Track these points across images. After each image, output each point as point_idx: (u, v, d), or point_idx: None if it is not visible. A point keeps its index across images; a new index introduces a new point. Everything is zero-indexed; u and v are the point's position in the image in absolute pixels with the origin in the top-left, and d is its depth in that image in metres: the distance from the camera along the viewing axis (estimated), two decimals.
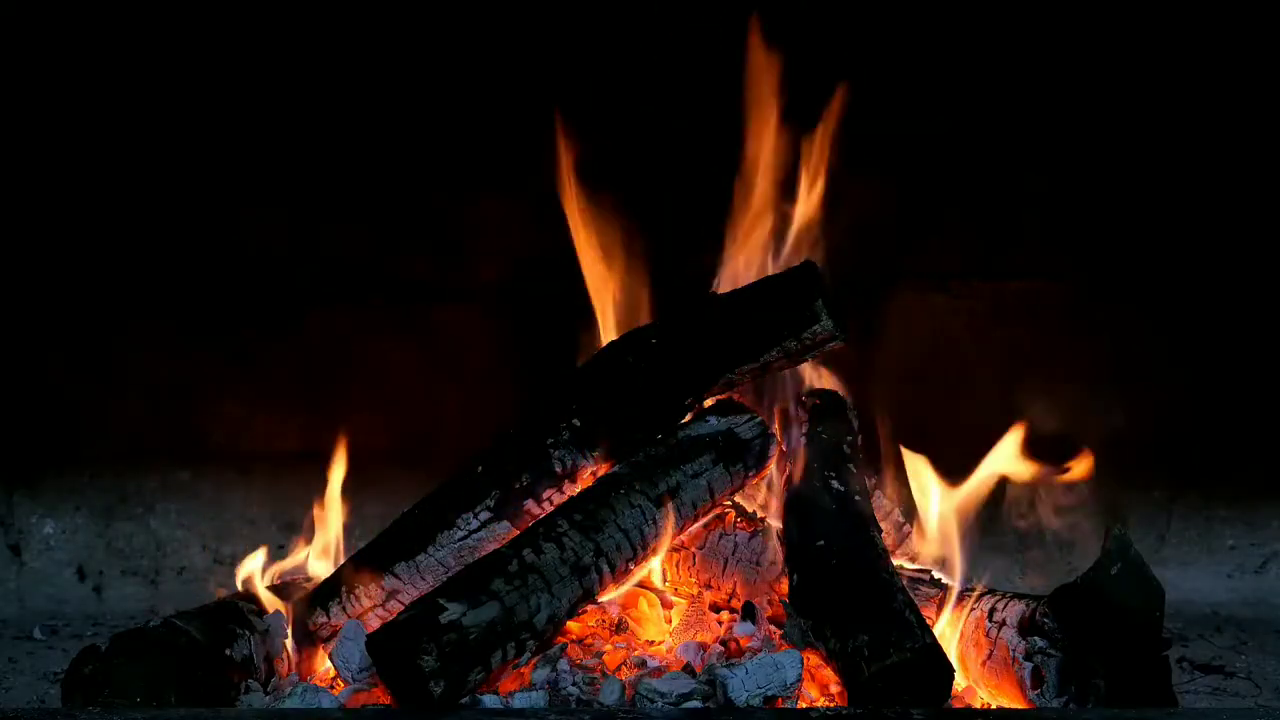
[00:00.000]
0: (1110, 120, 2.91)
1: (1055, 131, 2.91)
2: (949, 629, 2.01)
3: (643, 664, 1.98)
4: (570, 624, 2.01)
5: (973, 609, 2.00)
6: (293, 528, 2.59)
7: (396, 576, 2.11)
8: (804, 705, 1.83)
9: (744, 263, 2.36)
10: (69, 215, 2.92)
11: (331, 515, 2.28)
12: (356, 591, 2.12)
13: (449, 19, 2.86)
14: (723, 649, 2.02)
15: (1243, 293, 2.97)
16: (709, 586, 2.21)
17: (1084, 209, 2.95)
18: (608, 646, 2.03)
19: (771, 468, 2.22)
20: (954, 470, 2.32)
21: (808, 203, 2.36)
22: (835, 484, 2.12)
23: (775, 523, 2.17)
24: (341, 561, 2.24)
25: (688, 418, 2.18)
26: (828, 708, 1.82)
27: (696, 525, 2.15)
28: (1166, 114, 2.91)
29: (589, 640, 2.04)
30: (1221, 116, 2.90)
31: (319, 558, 2.28)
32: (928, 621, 1.85)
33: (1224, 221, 2.95)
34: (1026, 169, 2.92)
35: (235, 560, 2.96)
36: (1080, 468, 2.23)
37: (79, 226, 2.91)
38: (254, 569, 2.18)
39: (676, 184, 2.76)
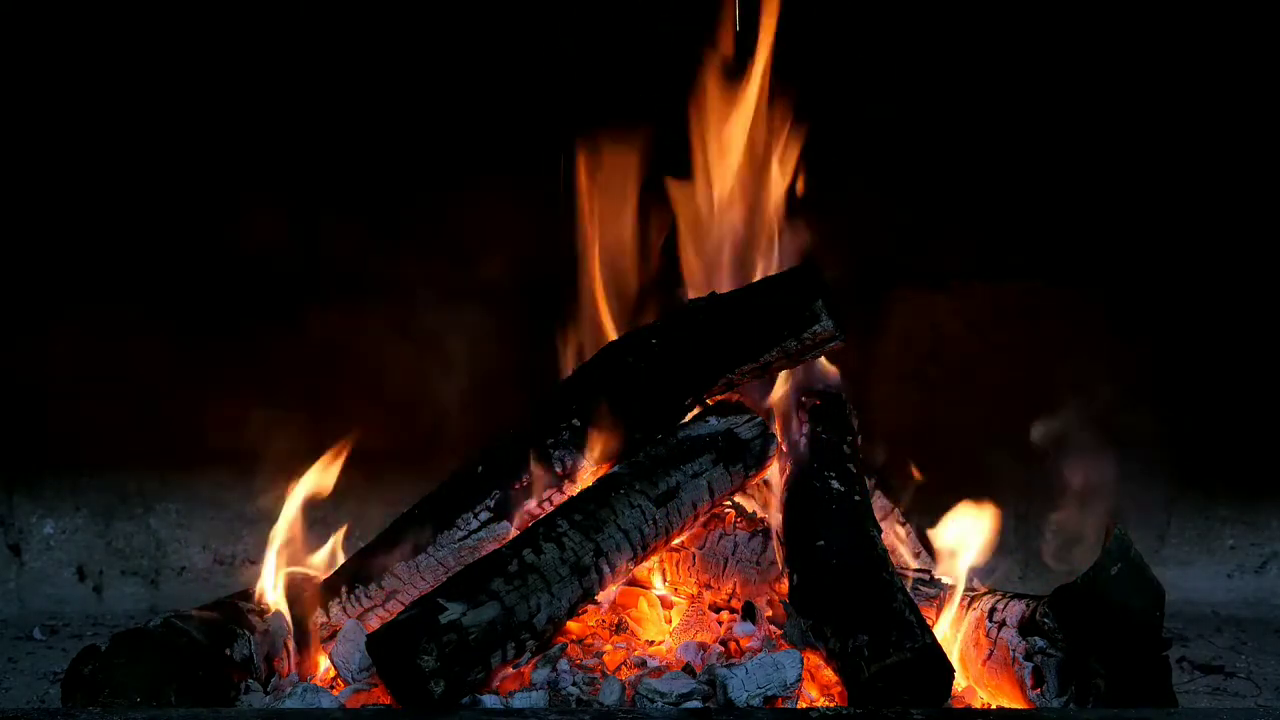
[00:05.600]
0: (1111, 121, 2.91)
1: (1055, 132, 2.91)
2: (949, 629, 2.01)
3: (643, 664, 1.98)
4: (570, 624, 2.01)
5: (973, 609, 2.00)
6: None
7: (396, 576, 2.11)
8: (804, 705, 1.83)
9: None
10: (69, 215, 2.91)
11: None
12: (356, 591, 2.12)
13: (451, 18, 2.86)
14: (723, 649, 2.02)
15: (1243, 293, 2.97)
16: (709, 586, 2.21)
17: (1084, 210, 2.95)
18: (608, 646, 2.03)
19: (771, 468, 2.22)
20: (953, 472, 2.32)
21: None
22: (835, 484, 2.12)
23: (775, 522, 2.17)
24: (342, 561, 2.25)
25: (688, 418, 2.18)
26: (828, 708, 1.82)
27: (696, 525, 2.15)
28: (1166, 116, 2.90)
29: (589, 640, 2.05)
30: (1220, 119, 2.90)
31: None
32: (928, 622, 1.85)
33: (1223, 222, 2.94)
34: (1026, 169, 2.92)
35: (235, 560, 2.98)
36: None
37: (79, 226, 2.91)
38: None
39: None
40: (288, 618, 2.07)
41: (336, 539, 2.31)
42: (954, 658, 1.92)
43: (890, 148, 2.89)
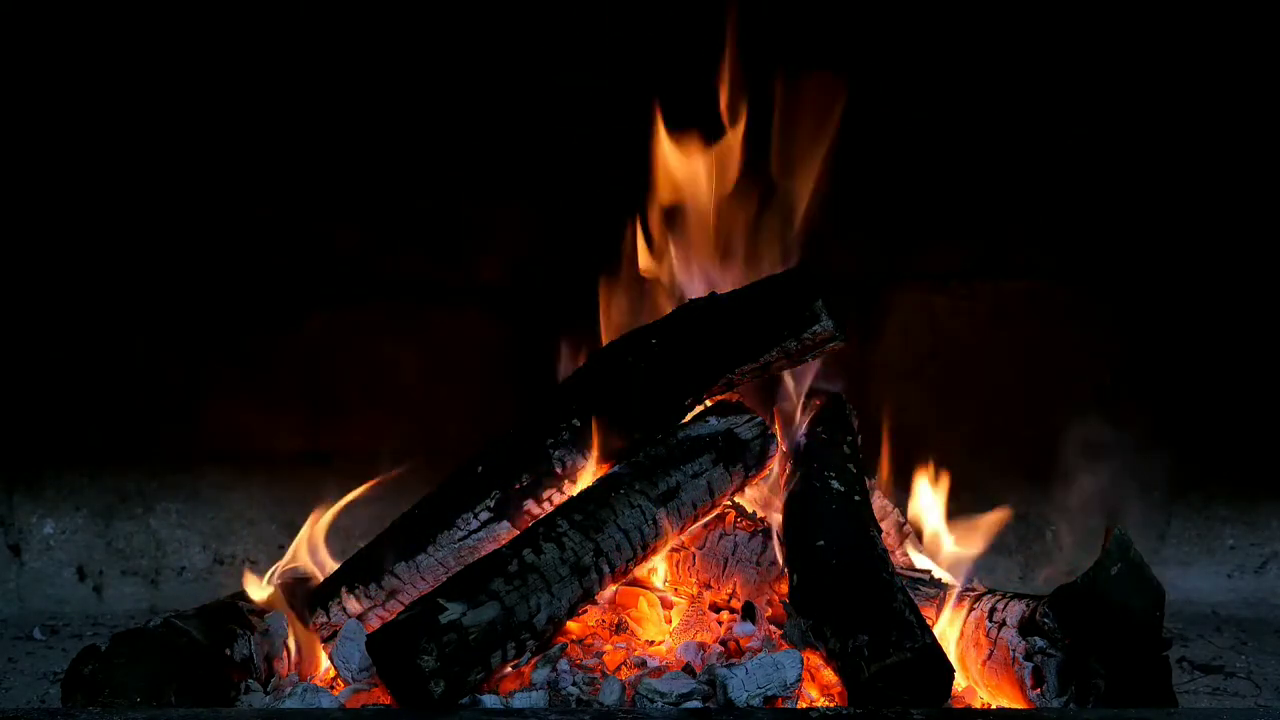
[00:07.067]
0: (1110, 120, 2.91)
1: (1055, 130, 2.91)
2: (949, 629, 2.01)
3: (643, 664, 1.98)
4: (570, 624, 2.01)
5: (973, 609, 2.00)
6: (293, 528, 2.59)
7: (396, 576, 2.11)
8: (804, 705, 1.83)
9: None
10: (70, 216, 2.91)
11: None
12: (356, 591, 2.12)
13: (449, 20, 2.86)
14: (723, 649, 2.02)
15: (1243, 292, 2.97)
16: (709, 586, 2.21)
17: (1084, 209, 2.95)
18: (608, 646, 2.03)
19: (771, 468, 2.22)
20: (954, 472, 2.33)
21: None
22: (835, 484, 2.12)
23: (775, 522, 2.17)
24: (342, 562, 2.24)
25: (688, 418, 2.18)
26: (828, 708, 1.81)
27: (696, 525, 2.15)
28: (1166, 114, 2.91)
29: (589, 640, 2.05)
30: (1219, 117, 2.90)
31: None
32: (928, 621, 1.85)
33: (1223, 222, 2.95)
34: (1027, 169, 2.92)
35: (235, 560, 2.98)
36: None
37: (80, 227, 2.91)
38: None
39: None
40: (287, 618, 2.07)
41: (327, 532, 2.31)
42: (954, 658, 1.92)
43: (890, 147, 2.89)
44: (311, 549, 2.23)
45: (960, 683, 1.95)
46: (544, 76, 2.86)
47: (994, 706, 1.91)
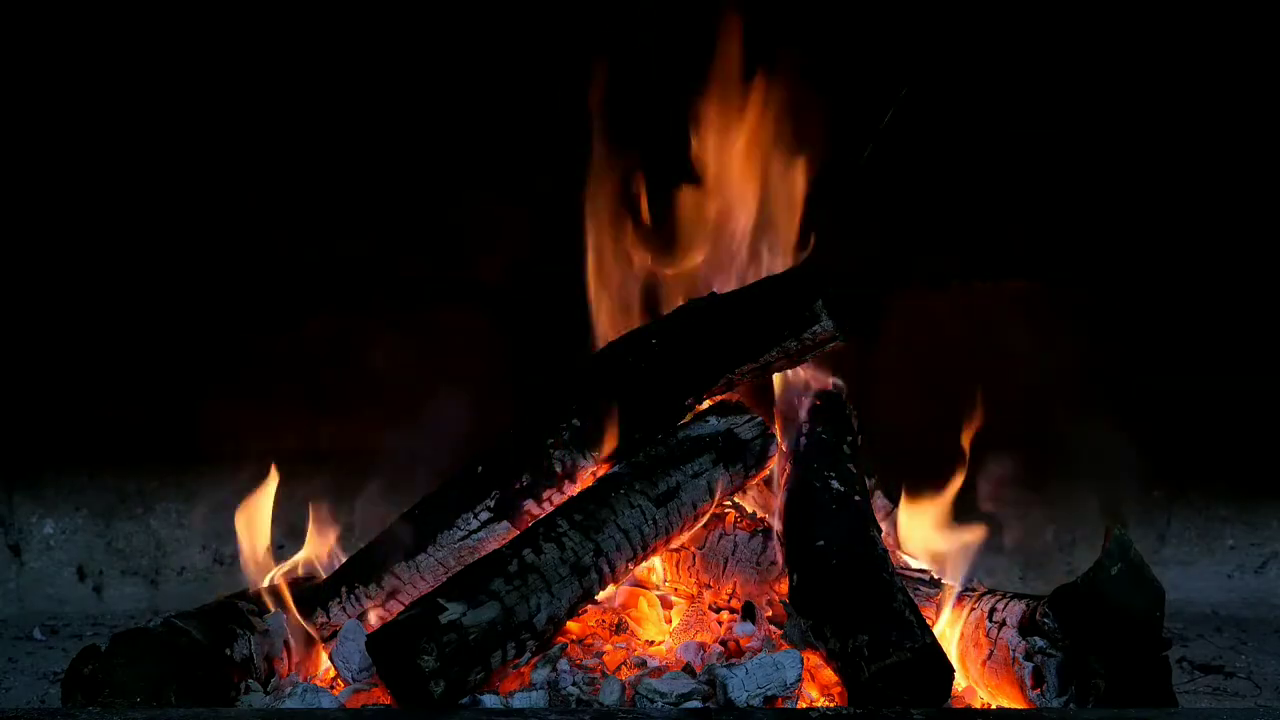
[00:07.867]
0: (1111, 122, 2.91)
1: (1055, 131, 2.91)
2: (949, 629, 2.01)
3: (643, 664, 1.98)
4: (570, 624, 2.01)
5: (973, 609, 2.00)
6: (293, 528, 2.59)
7: (396, 576, 2.11)
8: (804, 705, 1.83)
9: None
10: (71, 216, 2.91)
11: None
12: (356, 591, 2.12)
13: (451, 20, 2.86)
14: (723, 649, 2.02)
15: (1242, 293, 2.97)
16: (709, 586, 2.21)
17: (1084, 210, 2.95)
18: (608, 646, 2.03)
19: (771, 467, 2.22)
20: (953, 472, 2.33)
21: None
22: (835, 484, 2.12)
23: (775, 523, 2.17)
24: (342, 561, 2.25)
25: (688, 418, 2.18)
26: (828, 708, 1.82)
27: (696, 525, 2.15)
28: (1165, 116, 2.90)
29: (589, 640, 2.05)
30: (1219, 119, 2.90)
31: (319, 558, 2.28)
32: (928, 621, 1.85)
33: (1223, 222, 2.94)
34: (1027, 169, 2.92)
35: (235, 560, 2.98)
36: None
37: (80, 227, 2.91)
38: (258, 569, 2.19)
39: None
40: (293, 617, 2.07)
41: (336, 539, 2.31)
42: (954, 658, 1.92)
43: (890, 148, 2.89)
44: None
45: (960, 683, 1.95)
46: (543, 80, 2.85)
47: (994, 706, 1.91)
